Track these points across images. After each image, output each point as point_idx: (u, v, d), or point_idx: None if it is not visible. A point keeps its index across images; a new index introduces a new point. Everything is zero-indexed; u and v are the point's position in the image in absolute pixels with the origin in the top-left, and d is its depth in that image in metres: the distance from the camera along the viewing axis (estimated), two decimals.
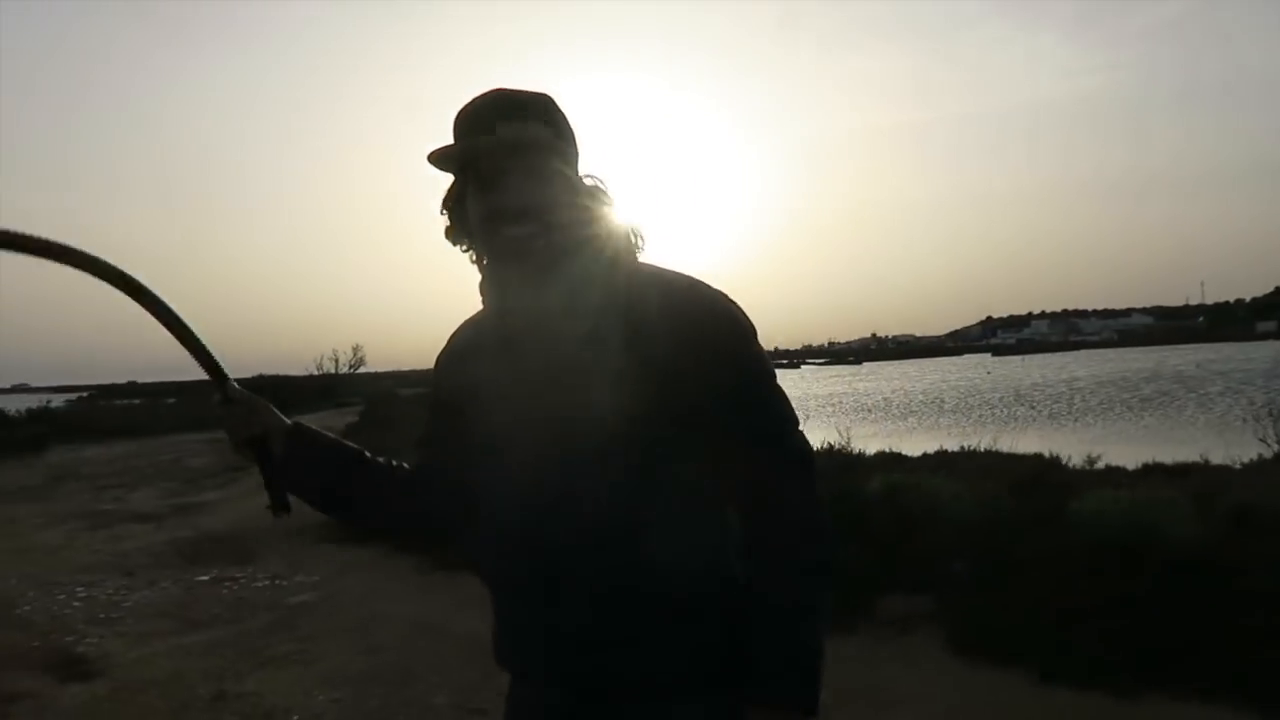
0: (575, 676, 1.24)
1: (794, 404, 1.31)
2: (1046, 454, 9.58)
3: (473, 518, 1.32)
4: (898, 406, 32.13)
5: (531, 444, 1.23)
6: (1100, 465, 8.51)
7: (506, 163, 1.20)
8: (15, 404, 23.15)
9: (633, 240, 1.30)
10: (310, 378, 31.66)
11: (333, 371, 32.41)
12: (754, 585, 1.21)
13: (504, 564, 1.28)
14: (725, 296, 1.27)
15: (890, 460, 10.53)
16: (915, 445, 13.86)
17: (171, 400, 32.25)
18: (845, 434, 6.91)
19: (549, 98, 1.26)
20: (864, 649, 4.26)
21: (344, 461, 1.40)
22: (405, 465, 1.45)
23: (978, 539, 4.67)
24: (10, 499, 11.12)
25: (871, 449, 11.92)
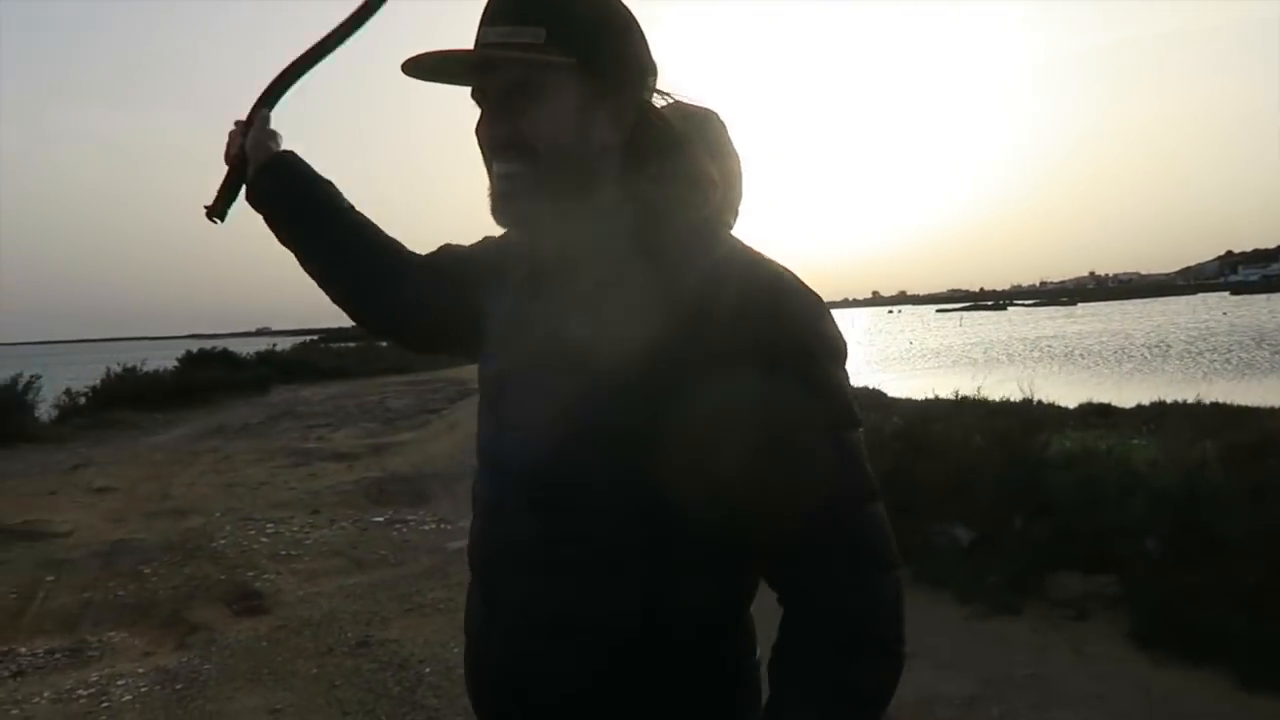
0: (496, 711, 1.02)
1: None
2: None
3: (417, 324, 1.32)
4: (1114, 352, 29.61)
5: (511, 393, 1.01)
6: None
7: (489, 80, 0.94)
8: (254, 346, 25.48)
9: (699, 189, 0.96)
10: None
11: None
12: (769, 703, 0.90)
13: (471, 541, 1.08)
14: (815, 299, 0.91)
15: (1092, 413, 9.64)
16: (1129, 396, 12.66)
17: (384, 344, 34.61)
18: (1028, 387, 6.28)
19: None
20: (1030, 633, 3.83)
21: (315, 203, 1.30)
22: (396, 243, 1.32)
23: (1175, 513, 4.07)
24: (232, 436, 12.22)
25: (1074, 400, 11.00)
